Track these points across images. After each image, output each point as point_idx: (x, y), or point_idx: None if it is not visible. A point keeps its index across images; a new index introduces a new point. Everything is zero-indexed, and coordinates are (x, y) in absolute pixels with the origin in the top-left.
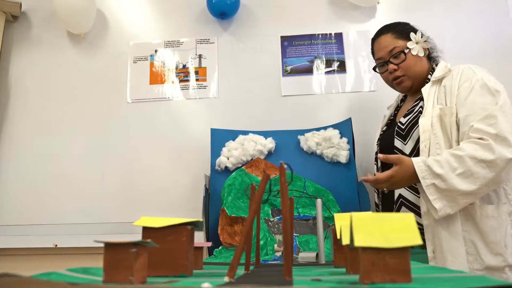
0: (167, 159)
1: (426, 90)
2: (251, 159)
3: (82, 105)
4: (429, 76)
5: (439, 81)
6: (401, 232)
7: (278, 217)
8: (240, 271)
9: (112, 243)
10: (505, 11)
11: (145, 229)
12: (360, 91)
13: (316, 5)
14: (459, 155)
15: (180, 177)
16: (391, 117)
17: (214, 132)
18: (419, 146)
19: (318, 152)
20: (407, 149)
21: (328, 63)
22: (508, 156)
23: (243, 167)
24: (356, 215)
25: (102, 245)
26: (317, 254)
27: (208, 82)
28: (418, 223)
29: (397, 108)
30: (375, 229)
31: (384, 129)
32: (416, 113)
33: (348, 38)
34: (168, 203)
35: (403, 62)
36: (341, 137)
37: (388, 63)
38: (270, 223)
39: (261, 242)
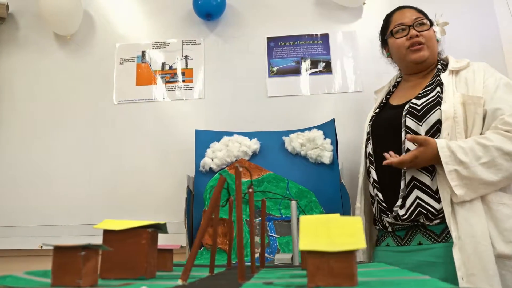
0: (154, 161)
1: (445, 77)
2: (236, 160)
3: (69, 106)
4: (439, 66)
5: (456, 72)
6: (347, 236)
7: (259, 218)
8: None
9: (61, 246)
10: (491, 12)
11: (106, 232)
12: (345, 91)
13: (302, 6)
14: (485, 145)
15: (166, 178)
16: (384, 101)
17: (199, 133)
18: (434, 130)
19: (302, 153)
20: (422, 130)
21: (314, 64)
22: None
23: (225, 168)
24: (304, 219)
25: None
26: (292, 256)
27: (194, 83)
28: (434, 208)
29: (389, 93)
30: (322, 232)
31: (377, 111)
32: (434, 98)
33: (334, 39)
34: (154, 204)
35: (427, 31)
36: (325, 138)
37: (411, 27)
38: None
39: None
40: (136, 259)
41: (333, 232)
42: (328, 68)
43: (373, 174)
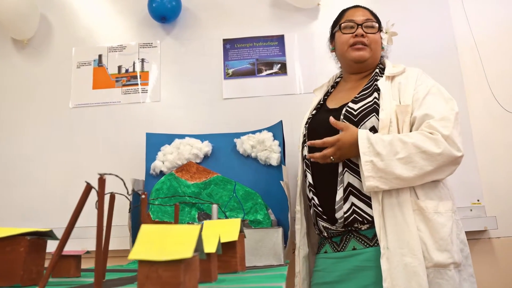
0: (109, 164)
1: (382, 84)
2: (186, 163)
3: (25, 110)
4: (376, 70)
5: (392, 78)
6: (179, 244)
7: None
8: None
9: None
10: (446, 12)
11: None
12: (300, 93)
13: (258, 7)
14: (404, 141)
15: (119, 181)
16: (321, 102)
17: (150, 137)
18: None
19: (253, 155)
20: None
21: (269, 66)
22: (456, 154)
23: (173, 171)
24: (144, 228)
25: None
26: None
27: (151, 86)
28: (369, 215)
29: (327, 93)
30: (157, 241)
31: (313, 113)
32: (371, 103)
33: (289, 41)
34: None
35: (374, 34)
36: (274, 140)
37: (359, 26)
38: None
39: None
40: (13, 266)
41: (168, 241)
42: (283, 70)
43: (309, 177)
